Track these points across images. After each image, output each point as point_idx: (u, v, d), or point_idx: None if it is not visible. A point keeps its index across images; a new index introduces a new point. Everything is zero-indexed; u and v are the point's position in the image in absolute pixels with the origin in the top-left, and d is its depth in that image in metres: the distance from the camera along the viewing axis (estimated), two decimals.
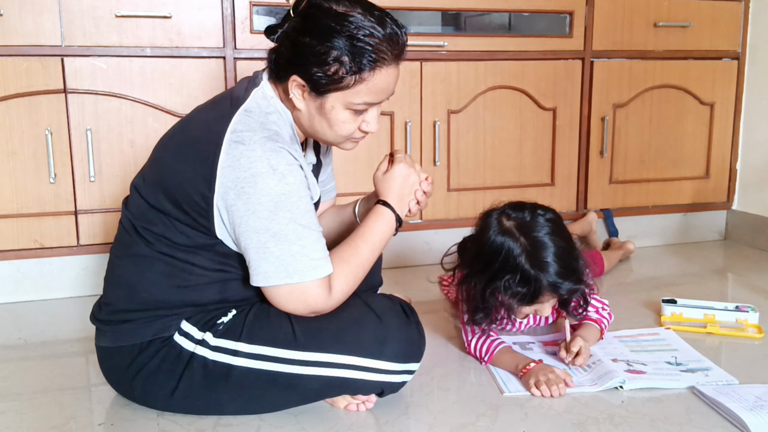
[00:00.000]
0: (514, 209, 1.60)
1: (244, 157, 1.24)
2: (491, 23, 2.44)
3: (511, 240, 1.54)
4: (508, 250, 1.53)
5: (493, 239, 1.56)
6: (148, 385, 1.35)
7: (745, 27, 2.68)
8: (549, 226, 1.55)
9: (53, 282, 2.15)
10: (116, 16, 2.02)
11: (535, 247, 1.52)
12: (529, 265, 1.51)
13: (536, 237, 1.53)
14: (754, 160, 2.74)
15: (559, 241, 1.54)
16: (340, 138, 1.37)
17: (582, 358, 1.57)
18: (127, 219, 1.37)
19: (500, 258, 1.53)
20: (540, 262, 1.51)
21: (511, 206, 1.62)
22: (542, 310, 1.59)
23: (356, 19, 1.26)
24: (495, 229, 1.57)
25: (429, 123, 2.36)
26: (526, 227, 1.55)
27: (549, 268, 1.50)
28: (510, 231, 1.55)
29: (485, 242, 1.57)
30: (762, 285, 2.26)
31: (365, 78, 1.28)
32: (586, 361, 1.58)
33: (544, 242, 1.52)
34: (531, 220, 1.56)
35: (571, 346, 1.57)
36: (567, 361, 1.58)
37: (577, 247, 1.62)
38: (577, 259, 1.56)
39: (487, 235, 1.57)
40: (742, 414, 1.33)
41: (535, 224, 1.55)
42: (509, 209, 1.60)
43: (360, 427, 1.35)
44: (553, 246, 1.52)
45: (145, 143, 2.11)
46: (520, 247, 1.52)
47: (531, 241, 1.53)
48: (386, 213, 1.41)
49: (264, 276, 1.27)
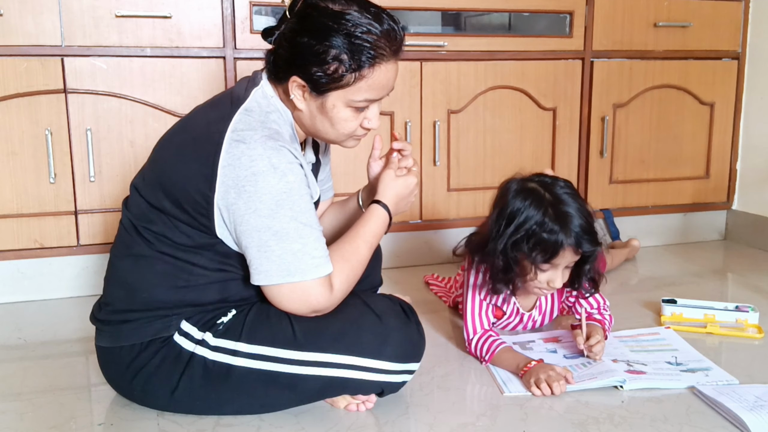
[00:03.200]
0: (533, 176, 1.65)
1: (245, 156, 1.24)
2: (491, 23, 2.44)
3: (535, 196, 1.57)
4: (534, 202, 1.56)
5: (516, 198, 1.59)
6: (148, 385, 1.35)
7: (745, 27, 2.68)
8: (568, 189, 1.60)
9: (53, 282, 2.15)
10: (116, 16, 2.02)
11: (558, 201, 1.56)
12: (553, 217, 1.54)
13: (558, 193, 1.57)
14: (754, 160, 2.74)
15: (581, 201, 1.59)
16: (343, 136, 1.38)
17: (600, 345, 1.59)
18: (127, 219, 1.37)
19: (524, 210, 1.56)
20: (564, 214, 1.54)
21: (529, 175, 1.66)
22: (555, 280, 1.59)
23: (353, 16, 1.26)
24: (518, 188, 1.61)
25: (429, 123, 2.36)
26: (548, 186, 1.60)
27: (573, 219, 1.54)
28: (533, 188, 1.59)
29: (507, 201, 1.60)
30: (762, 285, 2.26)
31: (365, 75, 1.28)
32: (602, 351, 1.59)
33: (566, 199, 1.57)
34: (552, 182, 1.61)
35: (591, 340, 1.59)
36: (584, 347, 1.59)
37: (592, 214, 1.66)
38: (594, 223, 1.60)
39: (509, 196, 1.60)
40: (742, 414, 1.33)
41: (556, 185, 1.60)
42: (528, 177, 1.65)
43: (360, 427, 1.35)
44: (575, 203, 1.57)
45: (145, 143, 2.11)
46: (545, 201, 1.56)
47: (554, 197, 1.57)
48: (383, 214, 1.42)
49: (265, 275, 1.27)
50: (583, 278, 1.64)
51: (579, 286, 1.66)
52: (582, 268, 1.61)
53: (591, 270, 1.62)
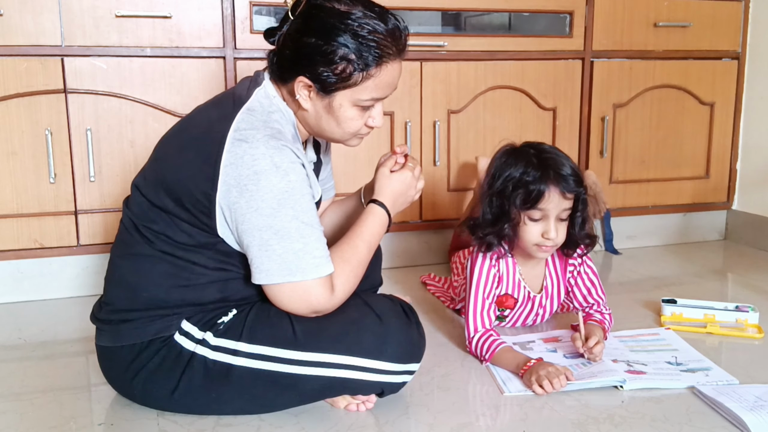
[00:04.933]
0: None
1: (247, 155, 1.24)
2: (491, 23, 2.44)
3: (519, 151, 1.66)
4: (518, 156, 1.64)
5: (503, 155, 1.67)
6: (149, 384, 1.35)
7: (745, 27, 2.68)
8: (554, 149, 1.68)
9: (53, 282, 2.15)
10: (116, 16, 2.02)
11: (542, 151, 1.65)
12: (537, 162, 1.61)
13: (543, 147, 1.67)
14: (754, 160, 2.74)
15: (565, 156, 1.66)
16: (348, 135, 1.38)
17: (599, 346, 1.58)
18: (128, 218, 1.37)
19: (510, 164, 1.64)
20: (546, 159, 1.62)
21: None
22: (549, 230, 1.61)
23: (358, 16, 1.27)
24: (505, 150, 1.69)
25: (429, 123, 2.36)
26: (536, 144, 1.68)
27: (556, 163, 1.61)
28: (518, 147, 1.68)
29: (494, 164, 1.68)
30: (762, 285, 2.26)
31: (372, 74, 1.29)
32: (602, 351, 1.59)
33: (550, 150, 1.66)
34: (538, 144, 1.68)
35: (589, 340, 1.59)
36: (583, 350, 1.59)
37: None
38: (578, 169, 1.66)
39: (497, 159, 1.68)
40: (742, 414, 1.33)
41: (542, 145, 1.68)
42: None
43: (360, 427, 1.35)
44: (560, 155, 1.65)
45: (145, 143, 2.11)
46: (529, 154, 1.64)
47: (539, 149, 1.65)
48: (381, 214, 1.43)
49: (266, 274, 1.27)
50: (577, 229, 1.67)
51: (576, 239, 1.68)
52: (574, 219, 1.65)
53: (584, 222, 1.67)
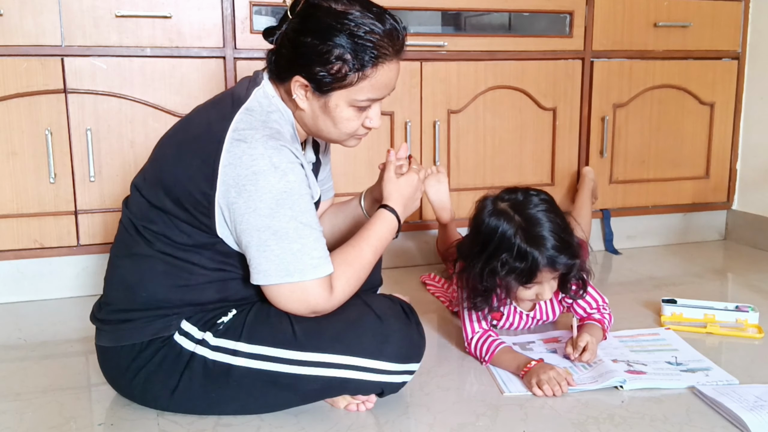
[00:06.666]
0: (507, 192, 1.63)
1: (246, 155, 1.24)
2: (491, 23, 2.44)
3: (506, 219, 1.56)
4: (504, 228, 1.55)
5: (488, 220, 1.58)
6: (148, 384, 1.35)
7: (745, 27, 2.68)
8: (542, 204, 1.58)
9: (53, 282, 2.15)
10: (116, 16, 2.02)
11: (529, 223, 1.54)
12: (524, 241, 1.52)
13: (530, 213, 1.55)
14: (754, 160, 2.74)
15: (554, 218, 1.56)
16: (345, 135, 1.38)
17: (589, 353, 1.58)
18: (128, 218, 1.37)
19: (496, 237, 1.55)
20: (535, 237, 1.52)
21: (504, 191, 1.65)
22: (543, 293, 1.59)
23: (356, 16, 1.26)
24: (489, 210, 1.60)
25: (429, 123, 2.36)
26: (520, 206, 1.57)
27: (545, 242, 1.52)
28: (504, 210, 1.58)
29: (480, 224, 1.60)
30: (762, 285, 2.26)
31: (368, 74, 1.29)
32: (593, 357, 1.59)
33: (539, 218, 1.54)
34: (524, 199, 1.59)
35: (578, 341, 1.59)
36: (573, 357, 1.58)
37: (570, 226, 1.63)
38: (572, 235, 1.58)
39: (482, 217, 1.60)
40: (742, 414, 1.33)
41: (529, 203, 1.58)
42: (503, 193, 1.64)
43: (360, 427, 1.35)
44: (548, 221, 1.54)
45: (145, 143, 2.11)
46: (515, 224, 1.54)
47: (525, 218, 1.55)
48: (391, 219, 1.42)
49: (264, 274, 1.27)
50: (569, 284, 1.64)
51: (567, 291, 1.66)
52: (567, 276, 1.61)
53: (576, 275, 1.62)
